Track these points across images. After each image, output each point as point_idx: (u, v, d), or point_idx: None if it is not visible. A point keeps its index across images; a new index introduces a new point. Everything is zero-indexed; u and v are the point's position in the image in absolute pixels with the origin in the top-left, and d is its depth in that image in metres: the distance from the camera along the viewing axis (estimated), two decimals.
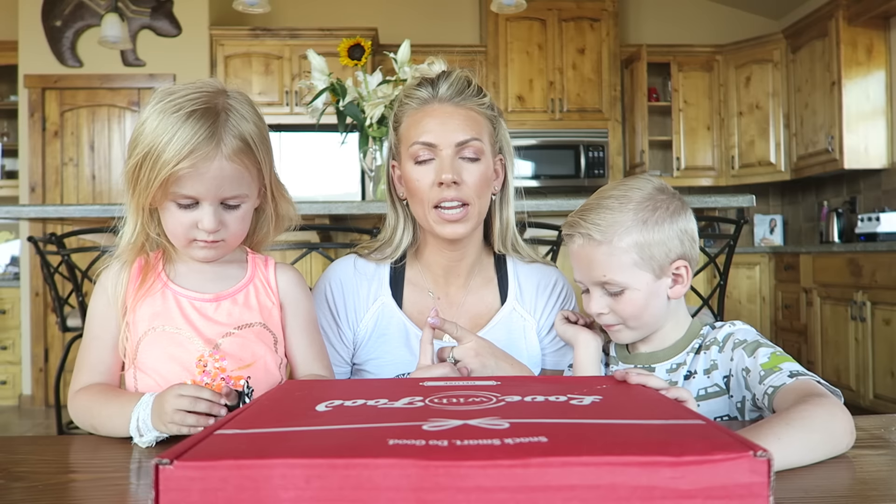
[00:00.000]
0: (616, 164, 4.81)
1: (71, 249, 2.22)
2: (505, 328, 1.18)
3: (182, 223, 0.91)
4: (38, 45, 4.27)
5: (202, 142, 0.87)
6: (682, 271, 1.00)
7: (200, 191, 0.89)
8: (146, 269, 0.97)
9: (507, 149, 1.20)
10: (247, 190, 0.93)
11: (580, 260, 1.01)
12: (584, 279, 1.02)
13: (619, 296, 0.99)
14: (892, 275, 3.35)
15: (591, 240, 0.98)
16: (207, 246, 0.93)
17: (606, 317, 1.01)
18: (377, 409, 0.55)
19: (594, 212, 1.00)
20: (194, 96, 0.90)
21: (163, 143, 0.87)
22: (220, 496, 0.40)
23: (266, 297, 1.01)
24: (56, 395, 2.54)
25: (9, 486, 0.65)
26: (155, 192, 0.89)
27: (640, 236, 0.97)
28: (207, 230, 0.91)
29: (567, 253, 2.36)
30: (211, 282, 0.99)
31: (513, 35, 4.76)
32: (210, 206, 0.90)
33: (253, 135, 0.92)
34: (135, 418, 0.85)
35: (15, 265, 4.65)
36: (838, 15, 4.15)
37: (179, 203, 0.90)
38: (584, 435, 0.47)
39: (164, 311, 0.95)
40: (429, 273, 1.20)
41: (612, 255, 0.97)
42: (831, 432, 0.73)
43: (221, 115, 0.90)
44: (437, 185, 1.08)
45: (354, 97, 2.27)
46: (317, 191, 4.31)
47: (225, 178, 0.89)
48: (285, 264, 1.07)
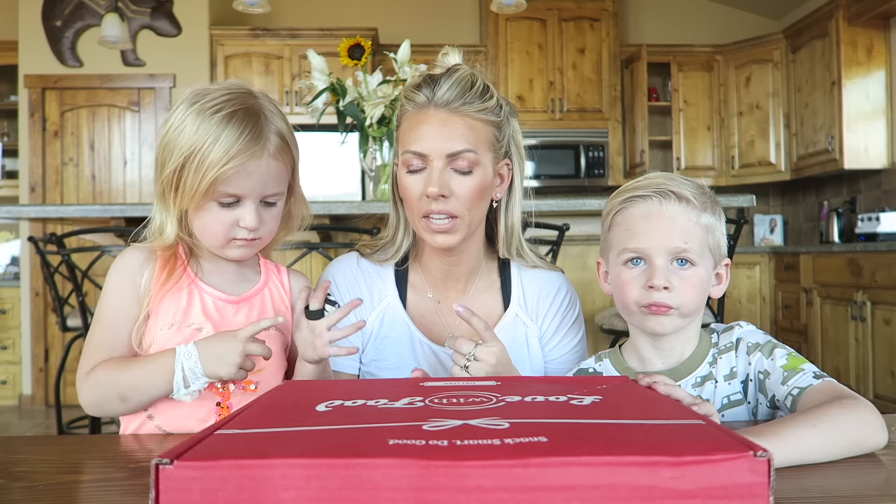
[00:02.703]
0: (616, 164, 4.81)
1: (71, 249, 2.22)
2: (508, 335, 1.15)
3: (223, 222, 0.92)
4: (38, 45, 4.27)
5: (250, 142, 0.89)
6: (724, 270, 0.98)
7: (246, 189, 0.91)
8: (172, 265, 0.96)
9: (516, 151, 1.15)
10: (284, 187, 0.97)
11: (658, 221, 0.92)
12: (652, 245, 0.92)
13: (683, 273, 0.92)
14: (892, 275, 3.35)
15: (680, 201, 0.92)
16: (245, 245, 0.95)
17: (666, 295, 0.91)
18: (377, 409, 0.55)
19: (676, 180, 0.94)
20: (229, 97, 0.91)
21: (207, 144, 0.88)
22: (220, 496, 0.40)
23: (280, 300, 1.03)
24: (56, 395, 2.54)
25: (9, 486, 0.65)
26: (202, 195, 0.89)
27: (712, 219, 0.94)
28: (249, 227, 0.92)
29: (567, 253, 2.37)
30: (233, 283, 1.00)
31: (513, 35, 4.77)
32: (253, 203, 0.92)
33: (285, 132, 0.95)
34: (179, 369, 0.87)
35: (15, 265, 4.66)
36: (838, 15, 4.15)
37: (222, 202, 0.91)
38: (584, 435, 0.47)
39: (189, 308, 0.95)
40: (428, 276, 1.18)
41: (697, 223, 0.92)
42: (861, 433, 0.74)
43: (261, 115, 0.92)
44: (425, 197, 1.05)
45: (354, 97, 2.27)
46: (317, 191, 4.30)
47: (270, 175, 0.92)
48: (296, 270, 1.09)
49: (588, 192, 4.82)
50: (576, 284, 2.29)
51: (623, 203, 0.96)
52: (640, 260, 0.94)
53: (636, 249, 0.93)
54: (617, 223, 0.97)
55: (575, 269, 2.36)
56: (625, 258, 0.95)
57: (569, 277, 1.26)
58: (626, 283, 0.94)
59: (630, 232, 0.94)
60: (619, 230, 0.96)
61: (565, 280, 1.23)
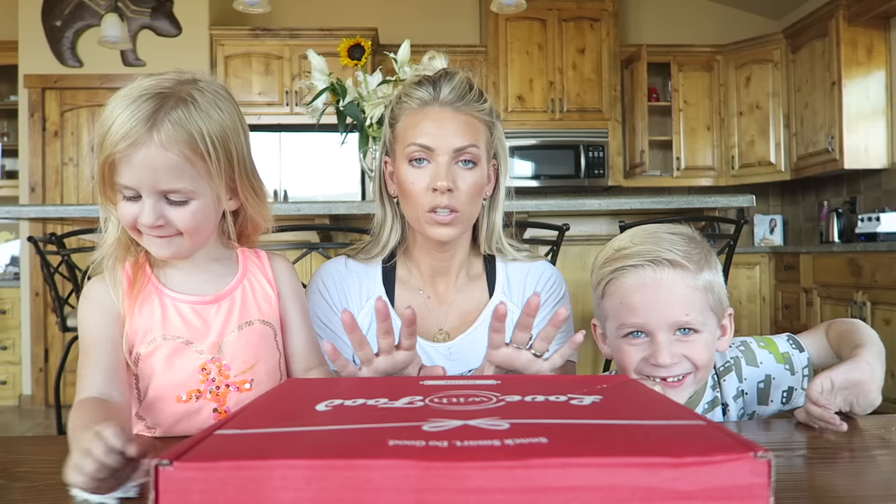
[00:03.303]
0: (616, 164, 4.81)
1: (71, 249, 2.22)
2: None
3: (124, 215, 0.87)
4: (38, 45, 4.27)
5: (136, 124, 0.81)
6: (728, 321, 0.95)
7: (134, 179, 0.83)
8: (135, 272, 0.93)
9: (501, 154, 1.19)
10: (190, 185, 0.86)
11: (655, 293, 0.86)
12: (651, 321, 0.87)
13: (688, 340, 0.87)
14: (892, 275, 3.35)
15: (675, 268, 0.86)
16: (158, 240, 0.88)
17: (678, 366, 0.87)
18: (377, 409, 0.55)
19: (665, 242, 0.88)
20: (156, 82, 0.86)
21: (107, 125, 0.83)
22: (220, 497, 0.40)
23: (262, 288, 0.99)
24: (56, 395, 2.54)
25: (9, 486, 0.65)
26: (104, 183, 0.85)
27: (710, 275, 0.89)
28: (145, 224, 0.86)
29: (567, 253, 2.37)
30: (206, 283, 0.96)
31: (513, 35, 4.76)
32: (149, 199, 0.85)
33: (207, 129, 0.85)
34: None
35: (15, 265, 4.65)
36: (838, 15, 4.15)
37: (125, 195, 0.86)
38: (584, 436, 0.47)
39: (165, 320, 0.91)
40: (418, 272, 1.20)
41: (696, 288, 0.87)
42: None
43: (169, 102, 0.84)
44: (432, 191, 1.08)
45: (354, 97, 2.27)
46: (317, 191, 4.31)
47: (158, 167, 0.83)
48: (277, 254, 1.05)
49: (588, 193, 4.82)
50: (576, 284, 2.29)
51: (614, 273, 0.90)
52: (641, 333, 0.89)
53: (636, 325, 0.89)
54: (610, 294, 0.91)
55: (575, 270, 2.36)
56: (624, 332, 0.90)
57: (569, 277, 1.27)
58: (628, 353, 0.90)
59: (626, 306, 0.89)
60: (614, 302, 0.91)
61: (549, 266, 1.25)
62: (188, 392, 0.92)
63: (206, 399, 0.92)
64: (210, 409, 0.93)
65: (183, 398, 0.92)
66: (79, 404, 0.81)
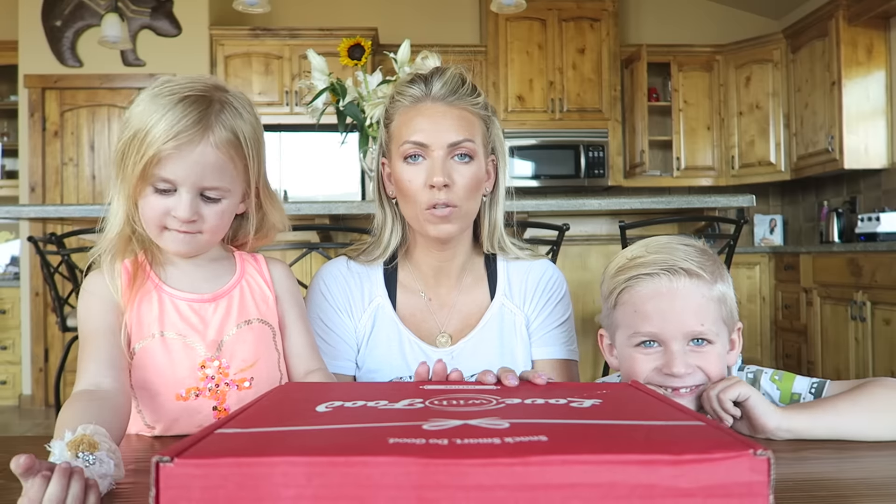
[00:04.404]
0: (616, 164, 4.82)
1: (71, 249, 2.23)
2: (497, 325, 1.17)
3: (155, 208, 0.88)
4: (38, 45, 4.27)
5: (192, 124, 0.85)
6: (738, 335, 0.94)
7: (180, 175, 0.86)
8: (135, 269, 0.93)
9: (499, 149, 1.18)
10: (229, 184, 0.91)
11: (671, 302, 0.86)
12: (666, 329, 0.86)
13: (701, 351, 0.87)
14: (892, 275, 3.35)
15: (691, 277, 0.86)
16: (182, 236, 0.89)
17: (691, 377, 0.87)
18: (377, 410, 0.56)
19: (680, 252, 0.88)
20: (191, 85, 0.89)
21: (151, 123, 0.85)
22: (221, 494, 0.40)
23: (260, 290, 1.00)
24: (56, 395, 2.54)
25: (9, 486, 0.65)
26: (139, 176, 0.86)
27: (723, 286, 0.89)
28: (181, 218, 0.87)
29: (567, 253, 2.37)
30: (205, 282, 0.96)
31: (513, 35, 4.77)
32: (187, 193, 0.87)
33: (245, 132, 0.91)
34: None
35: (15, 265, 4.65)
36: (838, 15, 4.15)
37: (157, 187, 0.87)
38: (584, 434, 0.47)
39: (163, 317, 0.92)
40: (419, 274, 1.19)
41: (710, 298, 0.87)
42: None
43: (215, 105, 0.89)
44: (429, 188, 1.06)
45: (354, 97, 2.27)
46: (317, 191, 4.31)
47: (207, 165, 0.87)
48: (274, 258, 1.06)
49: (588, 193, 4.82)
50: (576, 284, 2.29)
51: (628, 281, 0.89)
52: (654, 342, 0.89)
53: (650, 334, 0.88)
54: (623, 302, 0.91)
55: (575, 269, 2.36)
56: (637, 341, 0.90)
57: (569, 277, 1.26)
58: (639, 363, 0.89)
59: (640, 314, 0.88)
60: (627, 310, 0.90)
61: (550, 265, 1.24)
62: (187, 389, 0.92)
63: (206, 397, 0.93)
64: (210, 407, 0.93)
65: (182, 395, 0.92)
66: (68, 403, 0.81)
